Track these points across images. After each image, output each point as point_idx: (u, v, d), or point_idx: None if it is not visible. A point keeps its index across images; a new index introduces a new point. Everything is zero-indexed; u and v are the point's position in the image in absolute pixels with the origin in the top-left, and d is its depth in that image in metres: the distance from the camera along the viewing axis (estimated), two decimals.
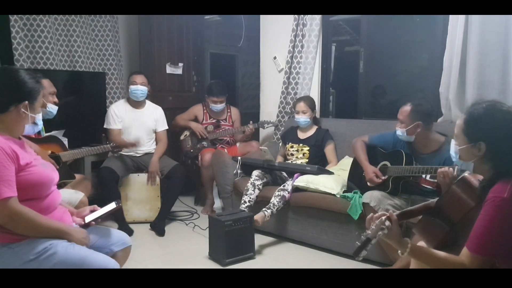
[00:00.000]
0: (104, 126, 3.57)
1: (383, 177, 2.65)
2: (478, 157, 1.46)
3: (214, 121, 4.08)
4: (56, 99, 2.81)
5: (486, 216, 1.36)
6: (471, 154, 1.48)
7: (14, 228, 1.58)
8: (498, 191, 1.37)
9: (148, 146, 3.66)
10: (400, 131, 2.63)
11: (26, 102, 1.64)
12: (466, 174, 1.63)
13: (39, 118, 1.73)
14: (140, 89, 3.52)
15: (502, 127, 1.42)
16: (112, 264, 1.67)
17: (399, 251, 1.48)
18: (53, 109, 2.78)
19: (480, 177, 1.55)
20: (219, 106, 3.99)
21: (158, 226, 3.41)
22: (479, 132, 1.45)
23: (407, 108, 2.59)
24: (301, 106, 3.45)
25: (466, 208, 1.53)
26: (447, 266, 1.42)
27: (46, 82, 2.71)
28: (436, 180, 2.36)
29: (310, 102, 3.48)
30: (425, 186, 2.56)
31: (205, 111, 4.10)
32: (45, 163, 1.78)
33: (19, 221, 1.56)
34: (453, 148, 1.56)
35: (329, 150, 3.43)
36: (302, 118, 3.44)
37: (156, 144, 3.70)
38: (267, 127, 4.08)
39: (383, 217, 1.50)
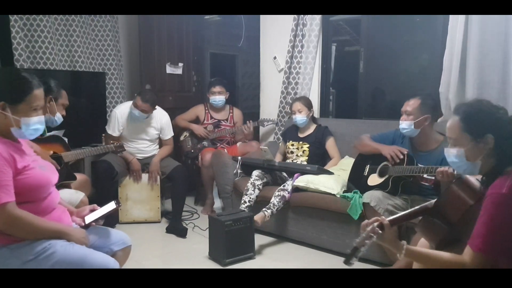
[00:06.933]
0: (106, 127, 3.57)
1: (405, 152, 2.59)
2: (485, 152, 1.43)
3: (215, 121, 4.08)
4: (64, 112, 2.83)
5: (486, 213, 1.35)
6: (478, 151, 1.44)
7: (13, 233, 1.57)
8: (497, 186, 1.35)
9: (151, 150, 3.66)
10: (406, 124, 2.57)
11: (2, 102, 1.57)
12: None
13: (28, 122, 1.61)
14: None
15: (503, 116, 1.43)
16: (112, 263, 1.67)
17: (397, 254, 1.49)
18: (59, 119, 2.80)
19: (479, 177, 1.54)
20: (218, 98, 3.97)
21: (177, 228, 3.34)
22: (483, 125, 1.43)
23: (416, 100, 2.57)
24: (297, 105, 3.46)
25: (464, 207, 1.52)
26: (446, 266, 1.41)
27: (64, 94, 2.83)
28: (433, 178, 2.35)
29: (305, 101, 3.49)
30: (423, 183, 2.55)
31: (206, 111, 4.10)
32: (44, 165, 1.75)
33: (18, 226, 1.56)
34: (455, 153, 1.51)
35: (330, 145, 3.43)
36: (299, 117, 3.44)
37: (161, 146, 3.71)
38: (267, 125, 4.08)
39: (375, 223, 1.50)
